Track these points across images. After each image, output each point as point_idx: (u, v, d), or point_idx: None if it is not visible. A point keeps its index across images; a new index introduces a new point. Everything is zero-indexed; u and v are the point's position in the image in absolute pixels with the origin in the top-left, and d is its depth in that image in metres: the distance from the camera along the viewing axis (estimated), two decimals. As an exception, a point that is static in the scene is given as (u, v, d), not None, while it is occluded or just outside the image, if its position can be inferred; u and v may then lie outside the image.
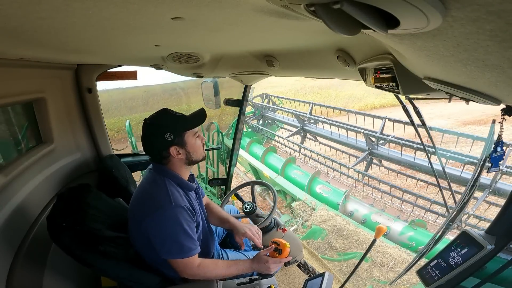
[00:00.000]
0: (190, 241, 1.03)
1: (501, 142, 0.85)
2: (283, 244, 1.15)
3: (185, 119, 1.13)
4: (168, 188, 1.06)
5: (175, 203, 1.03)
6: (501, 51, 0.27)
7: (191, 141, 1.13)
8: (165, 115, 1.11)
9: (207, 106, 2.00)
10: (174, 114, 1.12)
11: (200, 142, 1.18)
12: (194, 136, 1.14)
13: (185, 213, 1.04)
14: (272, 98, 8.42)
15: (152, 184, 1.10)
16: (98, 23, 0.53)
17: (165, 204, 1.02)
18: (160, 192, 1.05)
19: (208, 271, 1.08)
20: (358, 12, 0.26)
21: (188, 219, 1.05)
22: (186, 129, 1.11)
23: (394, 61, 0.63)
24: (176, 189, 1.09)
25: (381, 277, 3.14)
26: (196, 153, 1.16)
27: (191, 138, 1.13)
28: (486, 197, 3.76)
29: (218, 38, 0.83)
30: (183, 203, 1.05)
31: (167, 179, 1.10)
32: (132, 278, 1.03)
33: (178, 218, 1.01)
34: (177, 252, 1.02)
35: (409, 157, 4.63)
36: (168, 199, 1.03)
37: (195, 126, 1.14)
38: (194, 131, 1.14)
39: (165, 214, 1.01)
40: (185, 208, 1.05)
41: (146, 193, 1.10)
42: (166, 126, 1.08)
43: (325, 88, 16.30)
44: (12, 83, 1.11)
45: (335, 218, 4.10)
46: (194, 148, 1.14)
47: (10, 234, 0.99)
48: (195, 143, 1.15)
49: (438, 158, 2.94)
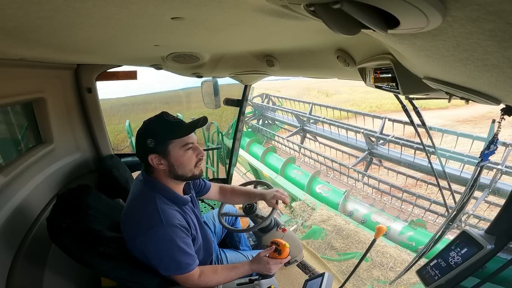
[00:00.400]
0: (187, 257, 0.99)
1: (495, 140, 0.86)
2: (282, 244, 1.15)
3: (171, 126, 1.00)
4: (159, 206, 0.98)
5: (167, 223, 0.96)
6: (500, 51, 0.27)
7: (176, 152, 1.00)
8: (155, 118, 1.02)
9: (207, 106, 2.00)
10: (165, 119, 1.01)
11: (193, 156, 1.03)
12: (183, 148, 1.00)
13: (179, 231, 0.98)
14: (272, 98, 8.43)
15: (142, 200, 1.02)
16: (98, 23, 0.53)
17: (157, 224, 0.95)
18: (151, 211, 0.98)
19: (209, 280, 1.06)
20: (358, 12, 0.26)
21: (183, 236, 0.99)
22: (169, 137, 0.99)
23: (394, 61, 0.63)
24: (168, 205, 1.01)
25: (381, 277, 3.14)
26: (183, 167, 1.02)
27: (177, 149, 1.00)
28: (486, 197, 3.77)
29: (218, 38, 0.83)
30: (176, 222, 0.98)
31: (157, 194, 1.01)
32: (132, 279, 1.03)
33: (172, 238, 0.96)
34: (175, 269, 0.99)
35: (409, 157, 4.64)
36: (159, 218, 0.96)
37: (180, 136, 0.99)
38: (183, 142, 1.00)
39: (157, 234, 0.95)
40: (179, 226, 0.98)
41: (136, 210, 1.02)
42: (149, 131, 0.99)
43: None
44: (12, 83, 1.11)
45: (335, 218, 4.10)
46: (180, 161, 1.01)
47: (10, 234, 0.99)
48: (183, 156, 1.01)
49: (438, 158, 2.94)
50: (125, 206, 1.07)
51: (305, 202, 4.57)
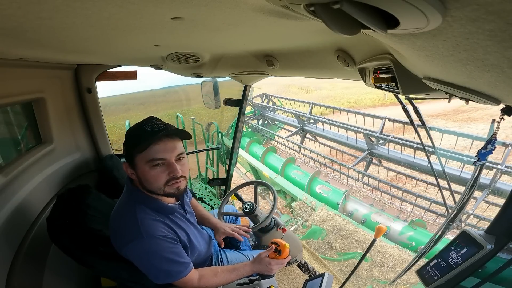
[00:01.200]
0: (176, 265, 0.96)
1: (493, 140, 0.86)
2: (282, 244, 1.15)
3: (139, 137, 0.89)
4: (138, 217, 0.92)
5: (147, 235, 0.91)
6: (500, 51, 0.27)
7: (142, 168, 0.91)
8: (135, 125, 0.94)
9: (207, 106, 2.00)
10: (143, 127, 0.91)
11: (162, 174, 0.92)
12: (148, 163, 0.90)
13: (162, 242, 0.93)
14: (272, 98, 8.43)
15: (122, 212, 0.98)
16: (98, 23, 0.53)
17: (136, 237, 0.90)
18: (129, 224, 0.93)
19: (210, 283, 1.05)
20: (357, 12, 0.26)
21: (169, 246, 0.95)
22: (133, 150, 0.91)
23: (393, 61, 0.63)
24: (150, 216, 0.95)
25: (381, 277, 3.14)
26: (149, 183, 0.93)
27: (142, 164, 0.91)
28: (486, 197, 3.77)
29: (218, 38, 0.83)
30: (157, 233, 0.93)
31: (138, 205, 0.95)
32: (132, 279, 1.03)
33: (154, 250, 0.92)
34: (165, 277, 0.96)
35: (409, 157, 4.64)
36: (137, 231, 0.90)
37: (140, 150, 0.89)
38: (148, 157, 0.89)
39: (137, 247, 0.91)
40: (161, 237, 0.93)
41: (117, 222, 0.98)
42: (125, 138, 0.94)
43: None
44: (12, 83, 1.11)
45: (335, 218, 4.11)
46: (146, 177, 0.92)
47: (10, 234, 0.99)
48: (148, 172, 0.91)
49: (438, 158, 2.94)
50: (111, 216, 1.01)
51: (305, 202, 4.58)
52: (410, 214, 4.63)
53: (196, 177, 4.61)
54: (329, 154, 6.48)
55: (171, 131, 0.93)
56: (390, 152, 4.88)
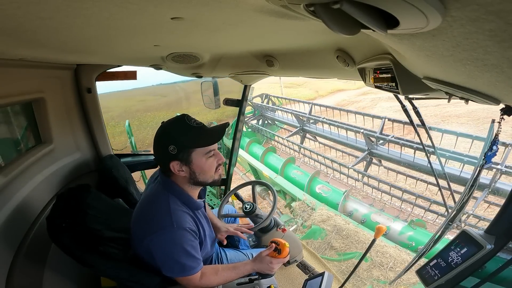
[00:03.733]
0: (192, 260, 0.99)
1: (497, 141, 0.86)
2: (282, 244, 1.15)
3: (198, 133, 0.98)
4: (171, 207, 0.98)
5: (177, 225, 0.95)
6: (500, 51, 0.27)
7: (199, 160, 0.99)
8: (177, 123, 0.98)
9: (207, 106, 2.00)
10: (188, 123, 0.98)
11: (214, 163, 1.03)
12: (206, 155, 1.00)
13: (188, 235, 0.97)
14: (272, 98, 8.43)
15: (155, 200, 1.02)
16: (98, 23, 0.53)
17: (167, 226, 0.95)
18: (162, 212, 0.98)
19: (210, 282, 1.06)
20: (357, 12, 0.26)
21: (191, 239, 0.99)
22: (194, 145, 0.97)
23: (393, 61, 0.63)
24: (180, 208, 1.01)
25: (380, 277, 3.14)
26: (205, 174, 1.02)
27: (200, 157, 0.99)
28: (486, 196, 3.77)
29: (218, 38, 0.83)
30: (186, 225, 0.98)
31: (171, 196, 1.01)
32: (132, 279, 1.03)
33: (180, 241, 0.96)
34: (179, 271, 0.99)
35: (409, 157, 4.64)
36: (169, 220, 0.95)
37: (206, 145, 0.99)
38: (207, 149, 1.00)
39: (166, 235, 0.94)
40: (188, 229, 0.98)
41: (148, 209, 1.02)
42: (172, 137, 0.96)
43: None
44: (12, 83, 1.11)
45: (335, 218, 4.10)
46: (203, 168, 1.01)
47: (10, 234, 0.99)
48: (205, 163, 1.00)
49: (438, 158, 2.94)
50: (138, 204, 1.07)
51: (305, 202, 4.57)
52: (410, 214, 4.63)
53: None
54: (329, 154, 6.48)
55: (215, 129, 1.03)
56: (390, 152, 4.88)
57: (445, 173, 2.68)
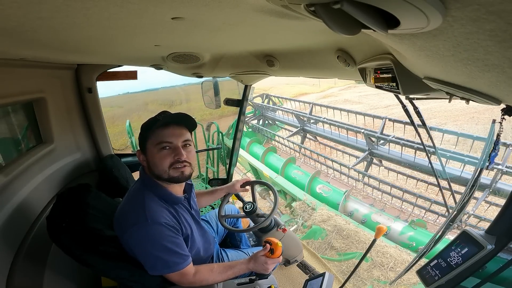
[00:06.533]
0: (175, 256, 0.97)
1: (498, 142, 0.86)
2: (275, 243, 1.13)
3: (152, 121, 1.01)
4: (146, 202, 0.97)
5: (151, 220, 0.94)
6: (501, 51, 0.27)
7: (151, 150, 1.00)
8: (155, 115, 1.04)
9: (207, 106, 2.00)
10: (156, 117, 1.02)
11: (168, 157, 0.99)
12: (157, 146, 0.98)
13: (164, 230, 0.95)
14: (272, 98, 8.43)
15: (131, 196, 1.03)
16: (98, 23, 0.53)
17: (140, 221, 0.93)
18: (136, 207, 0.97)
19: (205, 279, 1.05)
20: (358, 12, 0.26)
21: (170, 235, 0.97)
22: (146, 133, 1.00)
23: (394, 61, 0.63)
24: (156, 203, 1.00)
25: (381, 277, 3.14)
26: (156, 167, 0.99)
27: (152, 147, 0.99)
28: (486, 197, 3.76)
29: (218, 38, 0.83)
30: (161, 220, 0.96)
31: (147, 191, 1.01)
32: (133, 278, 1.03)
33: (156, 236, 0.94)
34: (162, 268, 0.97)
35: (409, 157, 4.63)
36: (143, 215, 0.94)
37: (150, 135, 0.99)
38: (158, 140, 0.98)
39: (140, 231, 0.93)
40: (164, 224, 0.96)
41: (124, 205, 1.03)
42: (141, 128, 1.03)
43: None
44: (12, 83, 1.11)
45: (335, 218, 4.10)
46: (153, 160, 0.99)
47: (10, 234, 0.99)
48: (155, 155, 0.99)
49: (438, 158, 2.94)
50: (121, 201, 1.09)
51: (305, 202, 4.57)
52: (411, 214, 4.63)
53: (196, 177, 4.62)
54: (329, 154, 6.48)
55: (178, 119, 1.02)
56: (390, 152, 4.88)
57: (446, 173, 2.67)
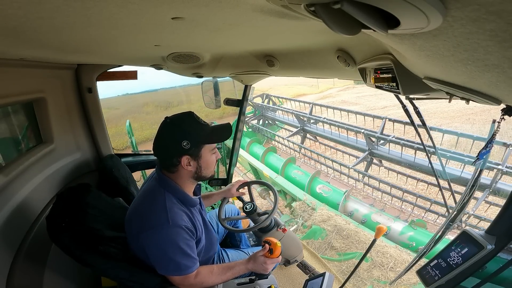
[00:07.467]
0: (187, 259, 0.99)
1: (493, 140, 0.87)
2: (274, 243, 1.13)
3: (210, 131, 1.05)
4: (167, 204, 0.99)
5: (173, 223, 0.96)
6: (501, 51, 0.27)
7: (206, 156, 1.06)
8: (189, 120, 1.03)
9: (207, 106, 2.00)
10: (199, 121, 1.04)
11: (215, 159, 1.11)
12: (211, 151, 1.08)
13: (183, 233, 0.98)
14: (272, 98, 8.43)
15: (151, 197, 1.03)
16: (98, 23, 0.53)
17: (162, 223, 0.95)
18: (158, 209, 0.98)
19: (205, 280, 1.06)
20: (358, 12, 0.26)
21: (187, 238, 0.99)
22: (207, 141, 1.03)
23: (394, 61, 0.63)
24: (176, 206, 1.02)
25: (381, 277, 3.14)
26: (208, 169, 1.09)
27: (208, 153, 1.06)
28: (486, 197, 3.76)
29: (218, 38, 0.83)
30: (182, 223, 0.98)
31: (167, 193, 1.02)
32: (132, 278, 1.03)
33: (175, 238, 0.96)
34: (173, 270, 0.98)
35: (409, 157, 4.63)
36: (165, 217, 0.96)
37: (219, 141, 1.07)
38: (213, 146, 1.08)
39: (161, 233, 0.95)
40: (184, 227, 0.98)
41: (144, 206, 1.03)
42: (186, 132, 1.00)
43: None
44: (12, 83, 1.11)
45: (335, 218, 4.09)
46: (208, 164, 1.07)
47: (10, 234, 0.99)
48: (210, 159, 1.07)
49: (438, 158, 2.94)
50: (134, 200, 1.09)
51: (305, 202, 4.56)
52: (411, 214, 4.62)
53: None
54: (329, 154, 6.47)
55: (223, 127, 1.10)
56: (390, 152, 4.87)
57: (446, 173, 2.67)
